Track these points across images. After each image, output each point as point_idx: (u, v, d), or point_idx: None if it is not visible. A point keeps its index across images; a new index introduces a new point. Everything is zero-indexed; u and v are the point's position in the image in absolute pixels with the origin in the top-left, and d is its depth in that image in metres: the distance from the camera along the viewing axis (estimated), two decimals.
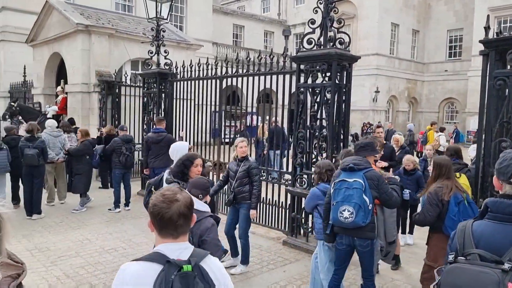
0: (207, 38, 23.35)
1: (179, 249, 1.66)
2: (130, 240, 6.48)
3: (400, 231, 6.12)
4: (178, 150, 4.52)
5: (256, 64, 7.07)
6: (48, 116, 12.16)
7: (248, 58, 7.33)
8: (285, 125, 8.66)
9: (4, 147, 7.58)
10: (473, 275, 1.76)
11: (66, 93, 12.56)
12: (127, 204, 8.43)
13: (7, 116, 12.52)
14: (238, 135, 9.93)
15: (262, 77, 7.06)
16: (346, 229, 3.81)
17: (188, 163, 3.92)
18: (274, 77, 6.87)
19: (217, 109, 8.25)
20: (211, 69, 8.06)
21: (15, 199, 8.31)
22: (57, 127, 8.82)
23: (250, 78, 7.25)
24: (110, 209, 8.19)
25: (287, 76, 6.65)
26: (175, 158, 4.35)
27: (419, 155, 14.86)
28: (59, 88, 13.07)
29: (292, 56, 6.41)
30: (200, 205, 2.98)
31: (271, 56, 6.73)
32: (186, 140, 8.61)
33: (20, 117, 12.37)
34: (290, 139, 7.44)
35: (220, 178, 6.09)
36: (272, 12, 35.22)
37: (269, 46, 31.32)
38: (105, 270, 5.27)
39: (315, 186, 4.49)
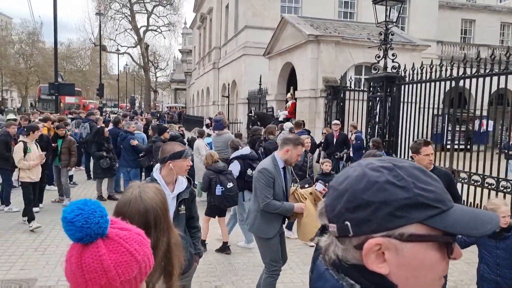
0: (431, 37, 21.88)
1: None
2: None
3: None
4: None
5: (503, 62, 6.30)
6: (279, 119, 13.69)
7: (493, 56, 6.56)
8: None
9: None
10: None
11: (295, 98, 13.83)
12: None
13: (250, 126, 14.65)
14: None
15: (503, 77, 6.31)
16: None
17: None
18: None
19: (449, 113, 7.68)
20: (445, 70, 7.58)
21: None
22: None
23: (492, 78, 6.53)
24: None
25: None
26: None
27: None
28: (288, 94, 14.55)
29: None
30: None
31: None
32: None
33: (258, 123, 14.24)
34: None
35: None
36: None
37: (506, 40, 27.20)
38: None
39: None
